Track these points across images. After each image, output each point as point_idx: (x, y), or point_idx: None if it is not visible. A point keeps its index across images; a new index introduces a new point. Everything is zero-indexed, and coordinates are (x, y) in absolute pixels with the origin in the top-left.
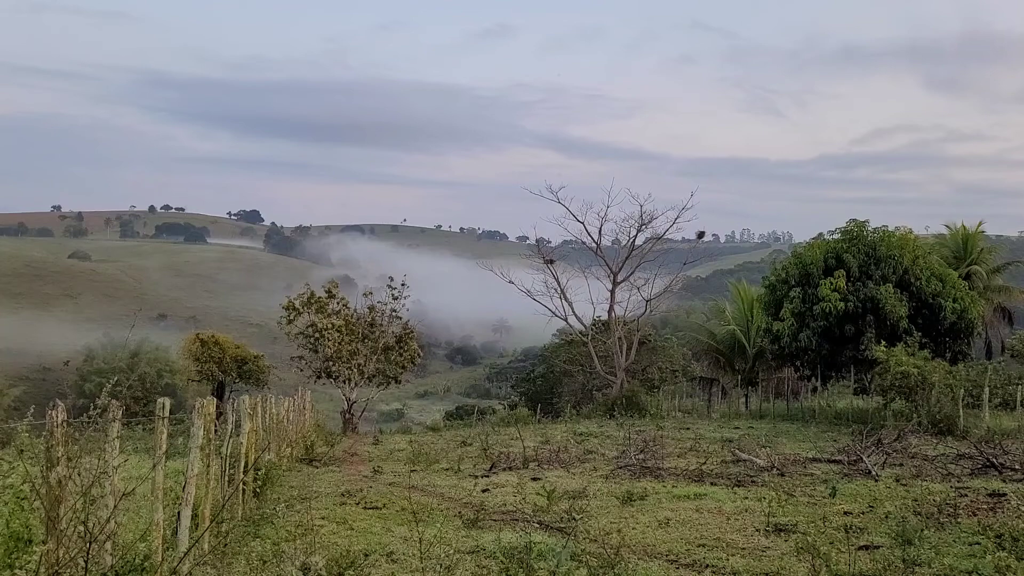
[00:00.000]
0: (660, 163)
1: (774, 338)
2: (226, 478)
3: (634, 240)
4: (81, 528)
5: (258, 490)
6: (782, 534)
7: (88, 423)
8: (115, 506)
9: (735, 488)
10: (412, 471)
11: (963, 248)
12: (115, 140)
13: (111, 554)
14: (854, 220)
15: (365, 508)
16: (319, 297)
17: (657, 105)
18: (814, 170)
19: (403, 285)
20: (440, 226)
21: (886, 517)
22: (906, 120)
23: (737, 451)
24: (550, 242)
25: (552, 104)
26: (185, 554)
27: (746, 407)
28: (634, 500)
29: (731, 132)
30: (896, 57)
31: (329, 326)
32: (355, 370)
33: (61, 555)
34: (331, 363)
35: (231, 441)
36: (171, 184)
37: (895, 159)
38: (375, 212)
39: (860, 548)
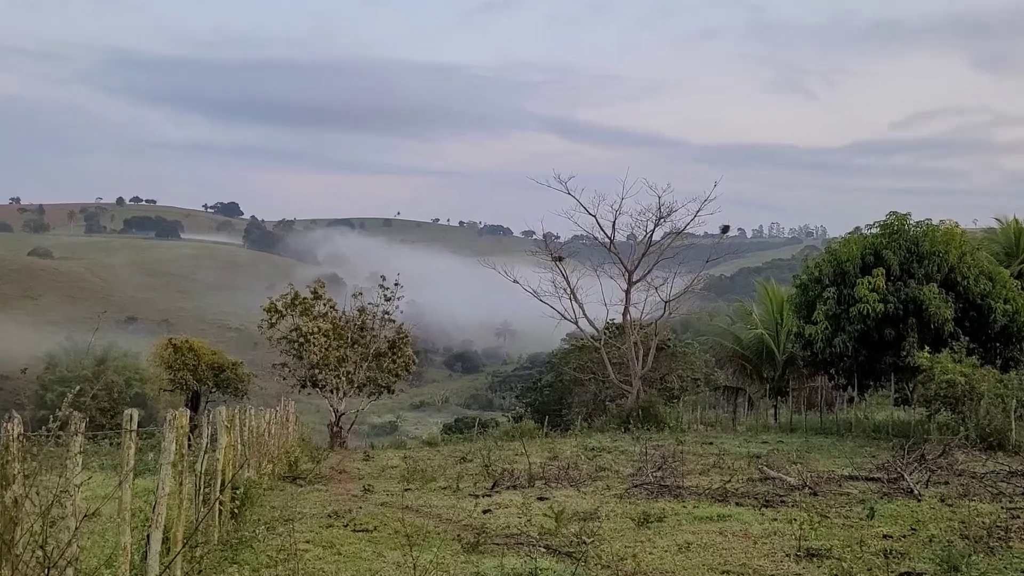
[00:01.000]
0: (678, 150)
1: (806, 343)
2: (200, 497)
3: (651, 235)
4: (39, 553)
5: (236, 511)
6: (815, 560)
7: (48, 437)
8: (77, 528)
9: (763, 509)
10: (406, 490)
11: (1015, 244)
12: (79, 125)
13: None
14: (894, 213)
15: (354, 531)
16: (304, 298)
17: (674, 86)
18: (849, 157)
19: (396, 285)
20: (437, 220)
21: (930, 541)
22: (950, 102)
23: (765, 468)
24: (558, 237)
25: (558, 85)
26: None
27: (775, 419)
28: (651, 522)
29: (756, 115)
30: (937, 33)
31: (315, 330)
32: (343, 378)
33: None
34: (317, 371)
35: (206, 457)
36: (141, 174)
37: (938, 145)
38: (365, 204)
39: (901, 575)
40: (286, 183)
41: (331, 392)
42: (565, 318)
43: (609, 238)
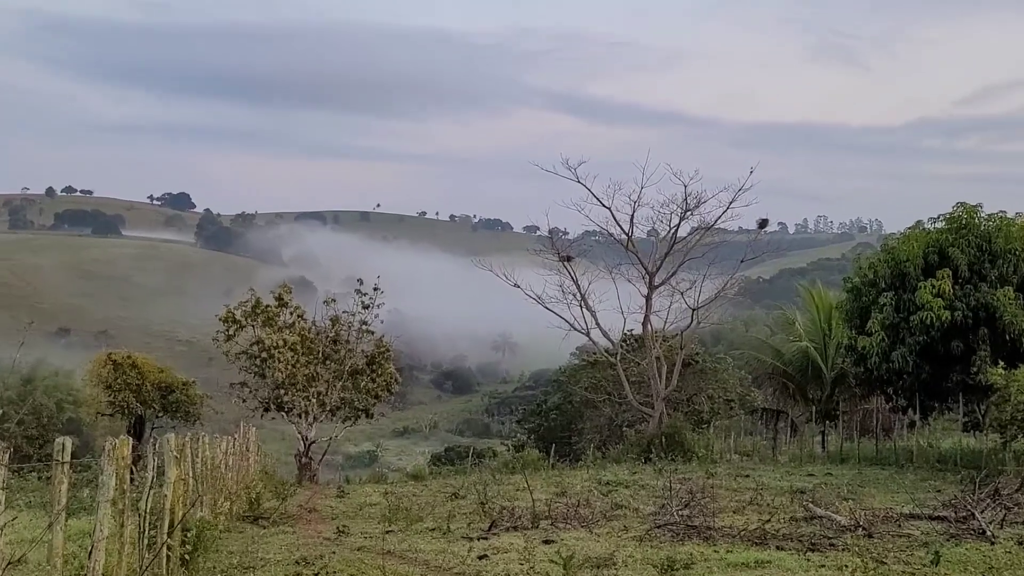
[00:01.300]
0: (708, 130)
1: (859, 358)
2: (145, 541)
3: (676, 231)
4: None
5: (187, 557)
6: None
7: None
8: None
9: (808, 554)
10: (388, 532)
11: None
12: (1, 103)
13: None
14: (962, 204)
15: None
16: (267, 306)
17: (701, 55)
18: (908, 139)
19: (376, 290)
20: (424, 213)
21: None
22: None
23: (811, 505)
24: (567, 233)
25: (567, 55)
26: None
27: (823, 448)
28: (676, 569)
29: (799, 90)
30: None
31: (280, 343)
32: (313, 400)
33: None
34: (283, 391)
35: (152, 493)
36: (76, 160)
37: (1014, 124)
38: (339, 195)
39: None
40: (246, 170)
41: (299, 417)
42: (575, 329)
43: (627, 234)
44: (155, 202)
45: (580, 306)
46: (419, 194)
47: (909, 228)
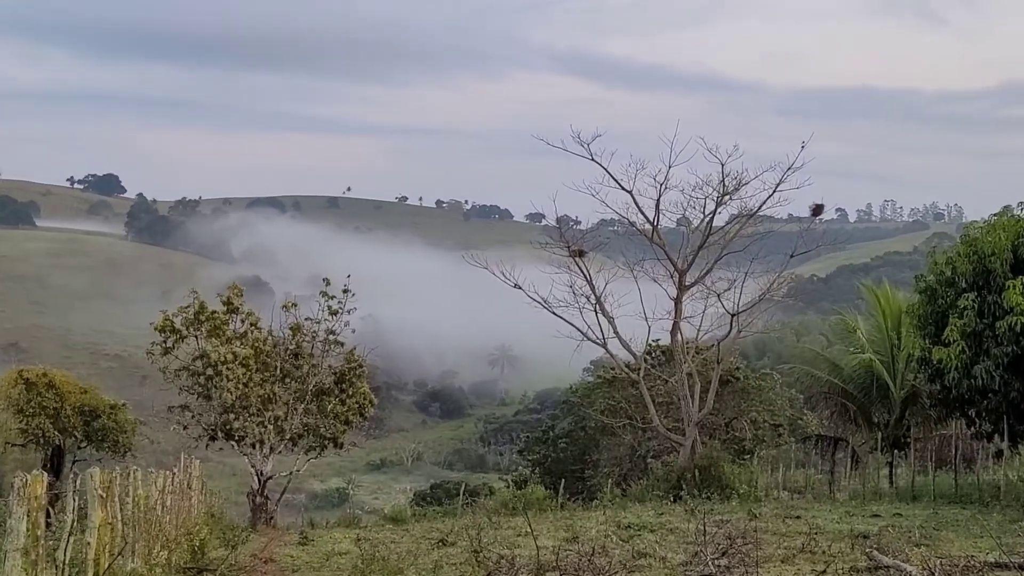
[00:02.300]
0: (750, 97)
1: (934, 373)
2: None
3: (712, 219)
4: None
5: None
6: None
7: None
8: None
9: None
10: None
11: None
12: None
13: None
14: None
15: None
16: (213, 312)
17: (744, 6)
18: (994, 107)
19: (346, 292)
20: (405, 198)
21: None
22: None
23: (876, 553)
24: (579, 223)
25: (578, 5)
26: None
27: (890, 483)
28: None
29: (862, 47)
30: None
31: (229, 357)
32: (270, 427)
33: None
34: (232, 416)
35: (72, 540)
36: None
37: None
38: (302, 177)
39: None
40: (187, 147)
41: (252, 447)
42: (588, 339)
43: (651, 224)
44: (76, 185)
45: (595, 311)
46: (399, 175)
47: (995, 215)
